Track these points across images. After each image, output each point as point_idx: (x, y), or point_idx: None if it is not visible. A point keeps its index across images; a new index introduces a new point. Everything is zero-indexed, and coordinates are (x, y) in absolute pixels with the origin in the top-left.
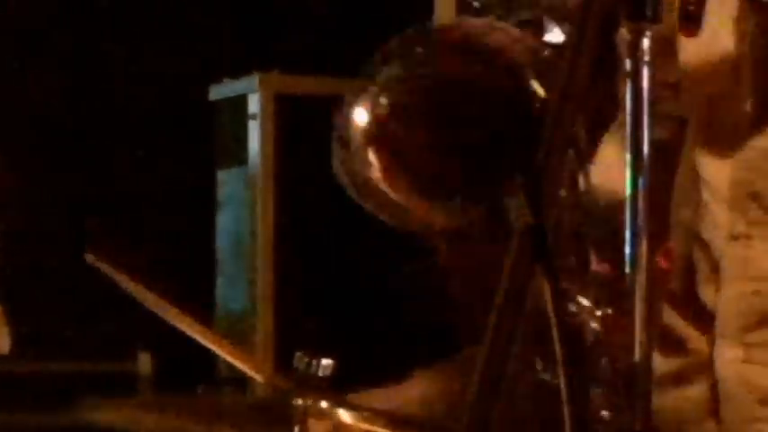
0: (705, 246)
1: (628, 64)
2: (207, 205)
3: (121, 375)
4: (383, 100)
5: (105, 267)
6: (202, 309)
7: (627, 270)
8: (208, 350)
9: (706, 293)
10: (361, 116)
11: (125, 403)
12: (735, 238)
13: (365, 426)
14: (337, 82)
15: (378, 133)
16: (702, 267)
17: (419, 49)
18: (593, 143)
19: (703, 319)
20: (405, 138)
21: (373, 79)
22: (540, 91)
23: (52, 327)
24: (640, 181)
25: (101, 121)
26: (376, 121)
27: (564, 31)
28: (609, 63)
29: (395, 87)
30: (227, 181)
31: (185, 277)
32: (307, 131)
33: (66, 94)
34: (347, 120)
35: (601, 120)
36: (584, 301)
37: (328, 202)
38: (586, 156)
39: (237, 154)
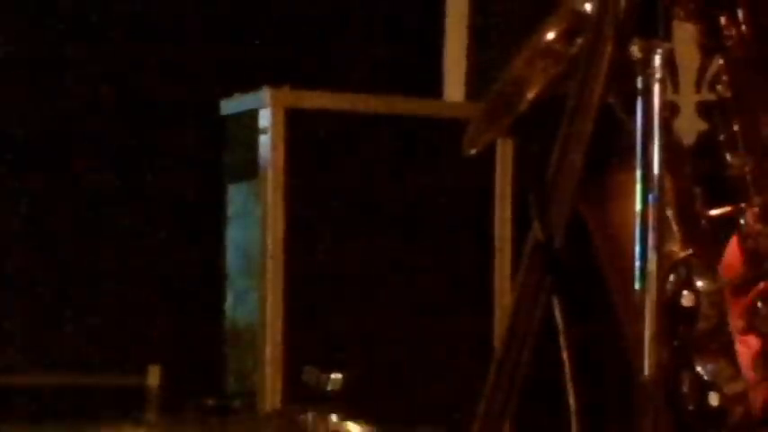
0: None
1: (639, 81)
2: (217, 220)
3: (130, 388)
4: None
5: None
6: (212, 323)
7: (637, 286)
8: (217, 364)
9: None
10: None
11: (136, 421)
12: None
13: None
14: (347, 97)
15: None
16: None
17: None
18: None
19: None
20: None
21: None
22: None
23: (61, 339)
24: (650, 197)
25: (110, 136)
26: None
27: None
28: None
29: None
30: (237, 195)
31: (195, 291)
32: (317, 146)
33: (74, 109)
34: None
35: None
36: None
37: (339, 217)
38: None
39: (248, 168)
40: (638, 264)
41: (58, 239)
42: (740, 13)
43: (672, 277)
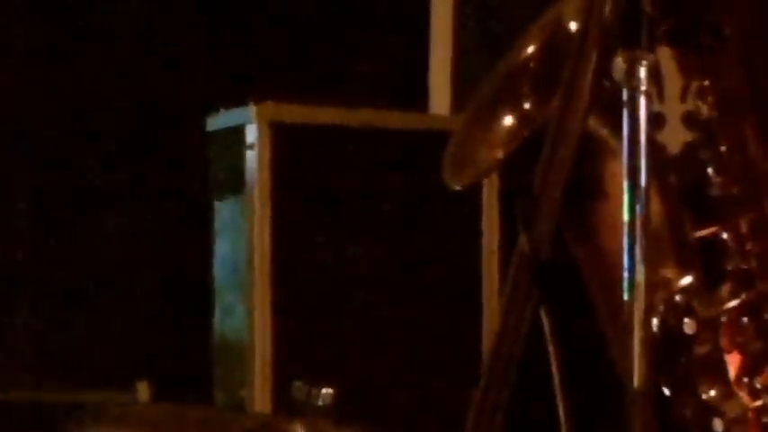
0: None
1: (624, 93)
2: (204, 235)
3: (119, 404)
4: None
5: None
6: (200, 337)
7: (625, 296)
8: (206, 378)
9: None
10: None
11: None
12: None
13: None
14: (333, 111)
15: None
16: None
17: None
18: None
19: None
20: None
21: None
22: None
23: (50, 355)
24: (638, 208)
25: (96, 155)
26: None
27: None
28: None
29: None
30: (224, 210)
31: (183, 306)
32: (303, 160)
33: (60, 126)
34: None
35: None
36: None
37: (326, 230)
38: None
39: (234, 184)
40: (626, 274)
41: (43, 255)
42: (722, 32)
43: (670, 304)
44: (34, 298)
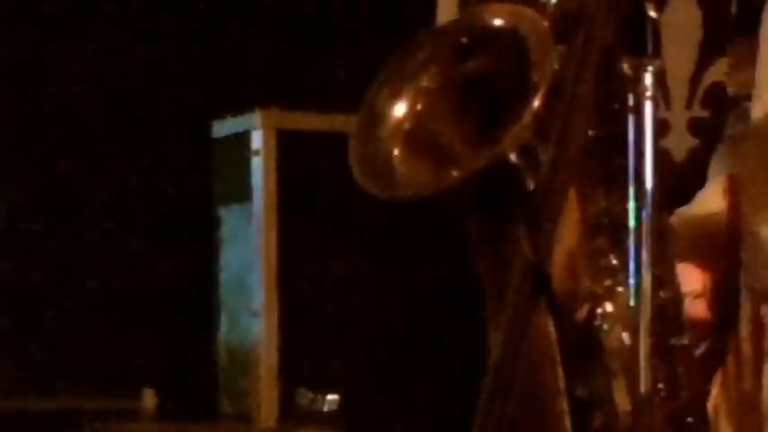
0: None
1: (630, 99)
2: (210, 242)
3: (125, 411)
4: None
5: None
6: (206, 345)
7: (631, 302)
8: (211, 386)
9: None
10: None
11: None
12: None
13: None
14: (338, 118)
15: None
16: None
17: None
18: None
19: None
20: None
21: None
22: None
23: (55, 363)
24: (644, 213)
25: (102, 160)
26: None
27: None
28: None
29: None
30: (230, 217)
31: (189, 314)
32: (309, 167)
33: (67, 131)
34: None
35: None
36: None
37: (332, 237)
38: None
39: (240, 190)
40: (632, 281)
41: (49, 263)
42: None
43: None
44: (40, 306)
